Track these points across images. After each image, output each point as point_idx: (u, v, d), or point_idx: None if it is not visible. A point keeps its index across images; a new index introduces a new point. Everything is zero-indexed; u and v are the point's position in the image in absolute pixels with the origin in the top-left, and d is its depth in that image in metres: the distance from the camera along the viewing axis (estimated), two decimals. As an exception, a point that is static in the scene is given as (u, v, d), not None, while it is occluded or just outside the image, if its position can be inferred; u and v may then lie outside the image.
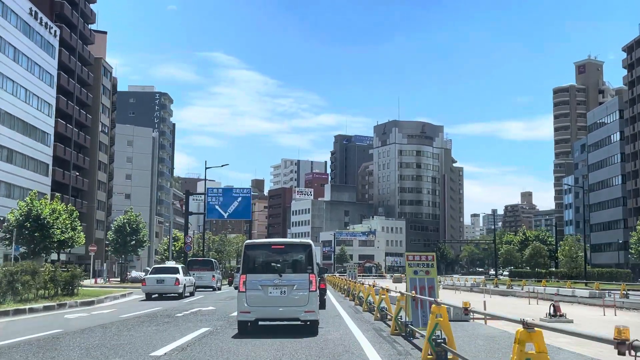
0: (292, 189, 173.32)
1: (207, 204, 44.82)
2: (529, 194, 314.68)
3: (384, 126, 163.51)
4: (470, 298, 36.66)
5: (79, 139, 76.50)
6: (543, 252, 71.44)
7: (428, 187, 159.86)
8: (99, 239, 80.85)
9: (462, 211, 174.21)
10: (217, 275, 37.41)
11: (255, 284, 12.10)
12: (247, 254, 12.63)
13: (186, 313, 18.52)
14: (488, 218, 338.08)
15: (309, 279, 12.17)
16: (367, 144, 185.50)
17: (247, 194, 44.55)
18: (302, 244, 13.10)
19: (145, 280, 27.60)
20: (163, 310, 19.65)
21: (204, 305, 22.73)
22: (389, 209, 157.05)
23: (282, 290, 12.07)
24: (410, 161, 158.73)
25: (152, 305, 22.40)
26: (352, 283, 29.43)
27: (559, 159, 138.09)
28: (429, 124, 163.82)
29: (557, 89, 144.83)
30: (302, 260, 12.63)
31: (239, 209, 44.47)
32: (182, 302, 24.47)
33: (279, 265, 12.43)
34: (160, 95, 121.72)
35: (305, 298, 12.05)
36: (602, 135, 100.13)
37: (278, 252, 12.98)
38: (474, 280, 65.25)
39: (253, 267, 12.52)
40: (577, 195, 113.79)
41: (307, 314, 12.07)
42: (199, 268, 36.18)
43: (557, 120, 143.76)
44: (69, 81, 73.52)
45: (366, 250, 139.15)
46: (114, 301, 25.80)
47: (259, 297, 12.04)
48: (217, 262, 41.82)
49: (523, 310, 25.67)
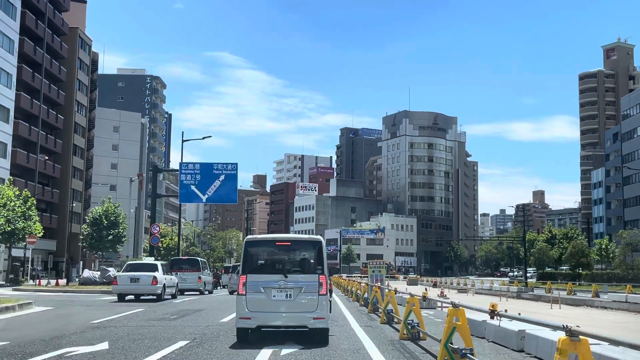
0: (295, 184, 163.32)
1: (180, 183, 34.76)
2: (541, 192, 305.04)
3: (393, 117, 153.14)
4: (535, 308, 26.75)
5: (48, 118, 66.61)
6: (586, 251, 61.15)
7: (440, 182, 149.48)
8: (75, 234, 70.90)
9: (477, 208, 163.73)
10: (205, 277, 32.56)
11: (257, 285, 10.79)
12: (248, 252, 11.29)
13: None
14: (496, 218, 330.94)
15: (319, 280, 10.87)
16: (375, 137, 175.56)
17: (232, 171, 34.46)
18: (311, 240, 11.63)
19: (116, 278, 24.47)
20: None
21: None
22: (399, 206, 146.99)
23: (287, 294, 10.78)
24: (421, 154, 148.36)
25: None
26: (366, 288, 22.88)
27: (586, 150, 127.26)
28: (441, 115, 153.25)
29: (583, 74, 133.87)
30: (311, 258, 11.37)
31: (222, 190, 34.45)
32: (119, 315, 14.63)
33: (284, 264, 11.40)
34: (151, 78, 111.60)
35: (315, 302, 10.76)
36: (639, 123, 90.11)
37: (283, 249, 11.68)
38: (516, 284, 55.15)
39: (254, 267, 11.29)
40: (608, 190, 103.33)
41: (317, 321, 10.71)
42: (184, 268, 31.32)
43: (583, 108, 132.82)
44: (36, 50, 63.60)
45: (374, 249, 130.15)
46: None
47: (261, 300, 10.73)
48: (205, 262, 36.39)
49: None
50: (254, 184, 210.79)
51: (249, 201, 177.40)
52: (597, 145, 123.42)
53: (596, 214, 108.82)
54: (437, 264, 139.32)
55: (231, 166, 34.57)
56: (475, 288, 47.62)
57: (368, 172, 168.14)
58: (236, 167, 34.66)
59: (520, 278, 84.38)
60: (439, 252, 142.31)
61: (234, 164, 34.71)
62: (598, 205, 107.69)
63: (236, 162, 34.54)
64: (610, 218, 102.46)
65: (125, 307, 20.29)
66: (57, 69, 68.46)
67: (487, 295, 42.24)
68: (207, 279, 33.50)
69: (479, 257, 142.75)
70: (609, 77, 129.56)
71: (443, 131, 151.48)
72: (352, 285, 31.48)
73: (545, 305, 31.59)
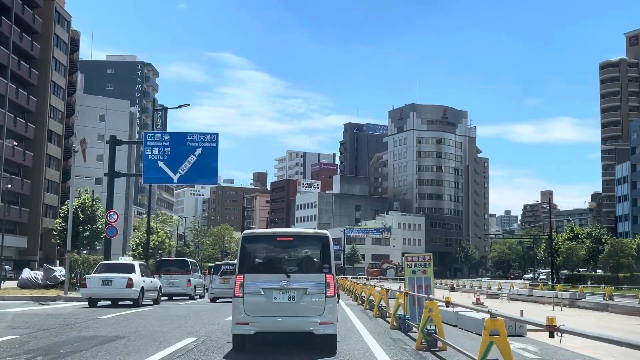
0: (297, 182, 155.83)
1: (145, 159, 27.18)
2: (549, 192, 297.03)
3: (400, 110, 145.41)
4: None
5: (17, 98, 59.26)
6: (627, 251, 53.53)
7: (450, 179, 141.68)
8: (50, 229, 63.53)
9: (487, 207, 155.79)
10: (195, 280, 30.00)
11: (256, 286, 9.64)
12: (246, 248, 10.03)
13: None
14: (502, 219, 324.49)
15: (326, 280, 9.73)
16: (381, 133, 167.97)
17: (211, 143, 26.74)
18: (317, 235, 10.48)
19: (86, 280, 21.54)
20: None
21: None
22: (406, 204, 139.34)
23: (290, 296, 9.66)
24: (429, 150, 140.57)
25: None
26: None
27: (608, 144, 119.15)
28: (451, 109, 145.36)
29: (604, 63, 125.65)
30: (317, 256, 10.20)
31: (198, 167, 26.78)
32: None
33: (286, 262, 10.24)
34: (142, 65, 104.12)
35: (321, 305, 9.65)
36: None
37: (286, 245, 10.43)
38: (541, 287, 47.71)
39: (253, 265, 10.09)
40: (634, 185, 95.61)
41: (323, 327, 9.58)
42: (172, 271, 28.64)
43: (604, 100, 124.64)
44: (1, 21, 56.23)
45: (380, 249, 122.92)
46: None
47: (261, 303, 9.60)
48: (196, 263, 33.63)
49: None
50: (254, 182, 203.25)
51: (248, 199, 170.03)
52: (620, 139, 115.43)
53: (620, 211, 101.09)
54: (445, 266, 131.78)
55: (210, 137, 26.93)
56: (509, 293, 39.96)
57: (373, 169, 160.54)
58: (216, 139, 27.06)
59: (542, 281, 77.65)
60: (447, 252, 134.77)
61: (213, 134, 27.11)
62: (622, 202, 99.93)
63: (217, 133, 27.05)
64: (636, 216, 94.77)
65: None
66: (29, 44, 61.10)
67: (527, 303, 34.70)
68: (198, 282, 30.80)
69: (490, 257, 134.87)
70: (632, 65, 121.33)
71: (452, 126, 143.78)
72: (356, 288, 28.28)
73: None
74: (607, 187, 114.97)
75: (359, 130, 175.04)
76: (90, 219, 50.60)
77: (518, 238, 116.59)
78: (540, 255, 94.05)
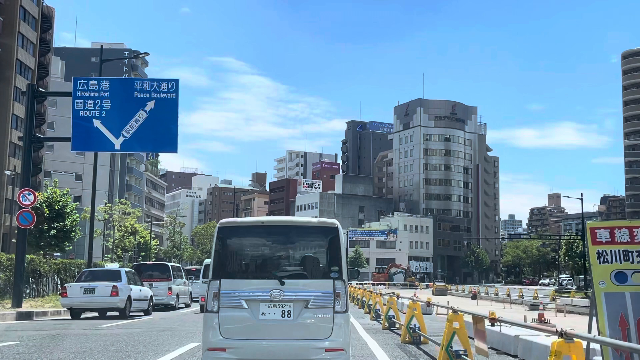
0: (297, 181, 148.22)
1: (74, 115, 19.22)
2: (557, 195, 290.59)
3: (406, 106, 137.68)
4: None
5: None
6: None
7: (459, 179, 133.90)
8: (13, 227, 55.72)
9: (498, 208, 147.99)
10: (177, 287, 26.75)
11: (237, 297, 6.89)
12: (223, 243, 7.19)
13: None
14: (506, 223, 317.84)
15: (335, 289, 6.95)
16: (385, 131, 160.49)
17: (168, 94, 18.75)
18: (323, 226, 7.48)
19: (66, 289, 19.23)
20: None
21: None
22: (412, 205, 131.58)
23: (285, 310, 6.87)
24: (437, 148, 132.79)
25: None
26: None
27: (631, 139, 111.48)
28: (460, 104, 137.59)
29: (627, 52, 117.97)
30: (323, 254, 7.42)
31: (151, 128, 18.89)
32: None
33: (279, 263, 7.35)
34: (130, 53, 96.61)
35: (328, 324, 6.85)
36: None
37: (278, 239, 7.44)
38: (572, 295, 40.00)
39: (233, 268, 7.28)
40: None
41: (331, 354, 6.74)
42: (153, 276, 25.30)
43: (626, 92, 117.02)
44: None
45: (385, 252, 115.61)
46: None
47: (244, 321, 6.84)
48: (179, 267, 30.36)
49: None
50: (253, 183, 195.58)
51: (246, 200, 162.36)
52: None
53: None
54: (454, 270, 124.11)
55: (168, 85, 18.90)
56: (556, 303, 31.92)
57: (377, 169, 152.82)
58: (176, 88, 19.10)
59: (567, 287, 70.47)
60: (456, 256, 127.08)
61: (172, 81, 19.01)
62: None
63: (177, 79, 19.12)
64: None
65: None
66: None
67: (583, 316, 26.81)
68: (181, 290, 27.61)
69: (504, 262, 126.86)
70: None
71: (462, 122, 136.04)
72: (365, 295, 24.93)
73: None
74: (632, 185, 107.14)
75: (362, 128, 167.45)
76: (57, 215, 43.09)
77: (546, 239, 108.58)
78: (560, 259, 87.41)
